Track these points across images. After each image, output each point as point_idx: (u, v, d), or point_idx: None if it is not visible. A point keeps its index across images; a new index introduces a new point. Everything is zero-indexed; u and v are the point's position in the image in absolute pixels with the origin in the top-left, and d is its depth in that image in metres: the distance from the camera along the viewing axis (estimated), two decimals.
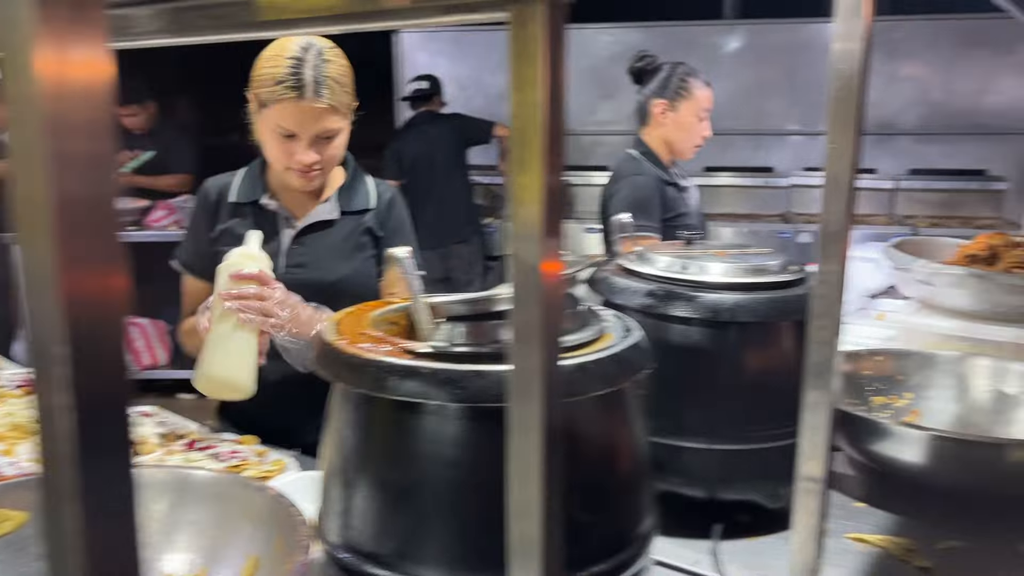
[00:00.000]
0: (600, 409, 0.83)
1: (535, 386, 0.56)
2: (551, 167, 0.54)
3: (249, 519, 1.01)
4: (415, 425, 0.79)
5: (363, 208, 1.63)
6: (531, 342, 0.55)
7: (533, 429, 0.57)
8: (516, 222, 0.55)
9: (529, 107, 0.53)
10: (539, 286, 0.54)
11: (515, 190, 0.54)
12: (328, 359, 0.82)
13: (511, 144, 0.54)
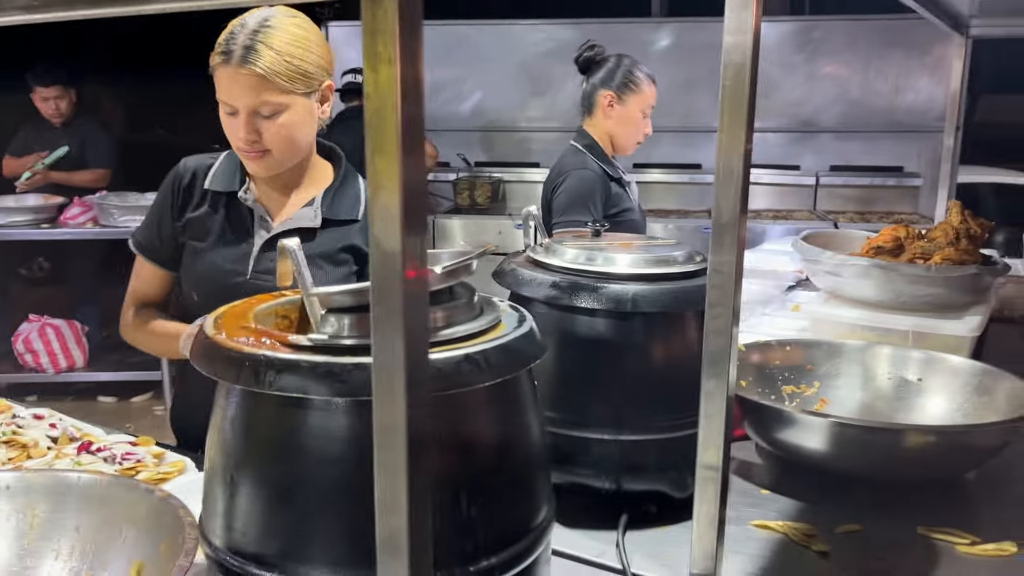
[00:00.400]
0: (491, 400, 0.81)
1: (397, 380, 0.54)
2: (408, 149, 0.52)
3: (134, 523, 0.97)
4: (296, 421, 0.76)
5: (348, 218, 1.49)
6: (392, 335, 0.53)
7: (397, 424, 0.55)
8: (374, 208, 0.53)
9: (384, 86, 0.51)
10: (399, 275, 0.52)
11: (371, 175, 0.52)
12: (205, 354, 0.79)
13: (367, 124, 0.52)
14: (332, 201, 1.49)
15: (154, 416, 4.34)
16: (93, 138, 4.79)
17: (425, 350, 0.56)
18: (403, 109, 0.51)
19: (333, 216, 1.48)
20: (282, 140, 1.40)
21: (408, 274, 0.53)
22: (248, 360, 0.75)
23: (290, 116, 1.39)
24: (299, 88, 1.39)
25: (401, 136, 0.52)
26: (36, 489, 1.01)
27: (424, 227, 0.54)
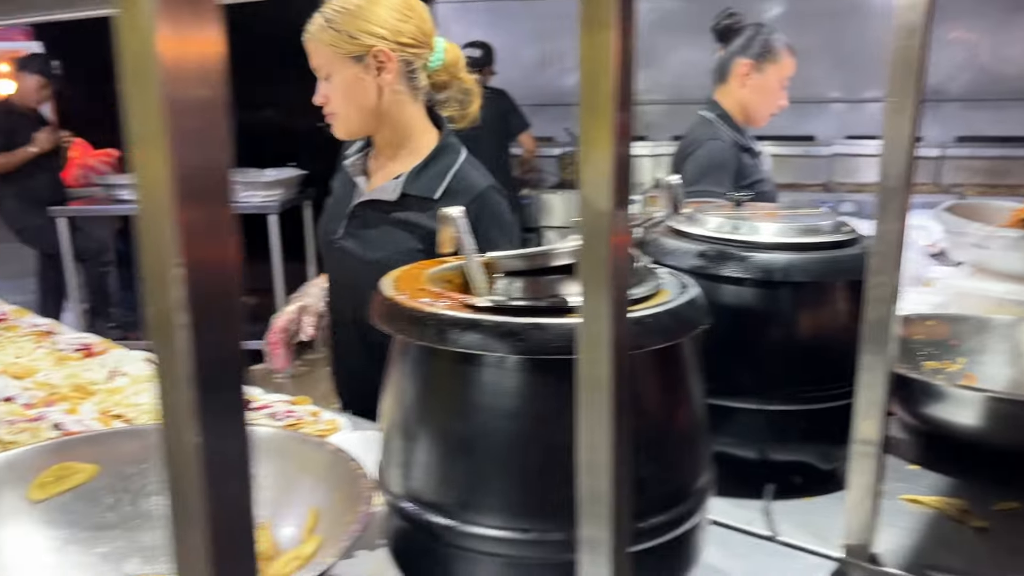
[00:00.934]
0: (658, 364, 0.83)
1: (603, 340, 0.56)
2: (621, 113, 0.54)
3: (309, 473, 1.04)
4: (475, 377, 0.80)
5: (425, 196, 1.48)
6: (599, 294, 0.56)
7: (602, 384, 0.57)
8: (586, 170, 0.55)
9: (599, 51, 0.53)
10: (607, 236, 0.55)
11: (584, 139, 0.55)
12: (389, 313, 0.83)
13: (581, 87, 0.55)
14: (416, 177, 1.50)
15: (275, 383, 4.53)
16: None
17: (626, 311, 0.58)
18: (618, 74, 0.53)
19: (410, 192, 1.49)
20: (339, 103, 1.47)
21: (615, 235, 0.55)
22: (432, 319, 0.79)
23: (338, 79, 1.45)
24: (342, 51, 1.43)
25: (615, 100, 0.54)
26: None
27: (629, 190, 0.56)
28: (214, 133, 0.31)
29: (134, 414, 1.35)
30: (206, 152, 0.31)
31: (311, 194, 4.85)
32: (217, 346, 0.32)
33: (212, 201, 0.31)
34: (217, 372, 0.32)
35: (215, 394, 0.32)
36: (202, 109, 0.30)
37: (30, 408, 1.38)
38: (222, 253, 0.32)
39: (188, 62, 0.30)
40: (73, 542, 1.00)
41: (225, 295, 0.32)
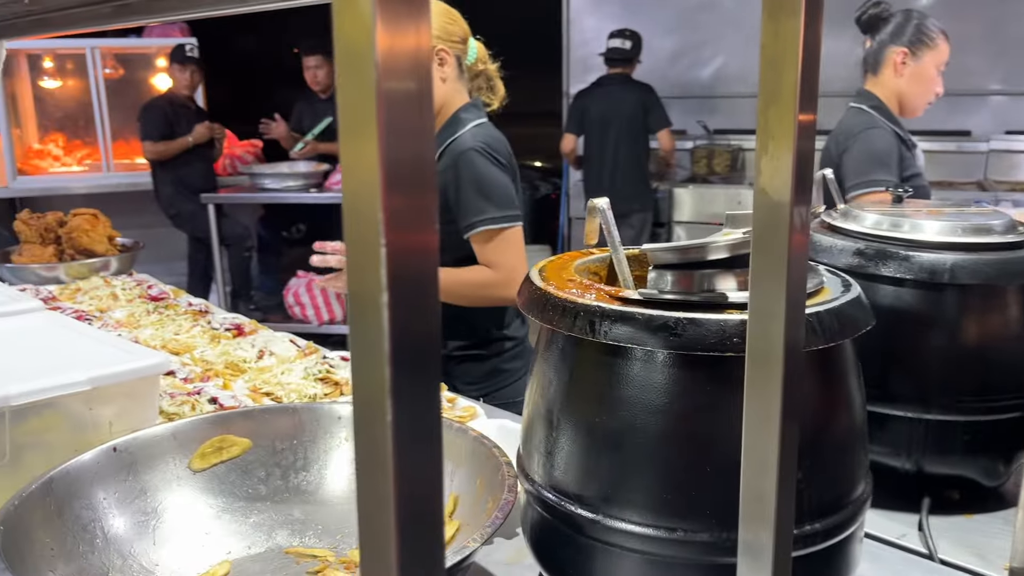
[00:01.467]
0: (819, 366, 0.80)
1: (775, 337, 0.54)
2: (805, 101, 0.51)
3: (450, 458, 1.05)
4: (625, 371, 0.78)
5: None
6: (773, 288, 0.53)
7: (773, 384, 0.55)
8: (762, 158, 0.53)
9: (785, 39, 0.51)
10: (786, 227, 0.52)
11: (762, 126, 0.52)
12: (538, 303, 0.83)
13: (761, 77, 0.52)
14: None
15: None
16: None
17: (803, 310, 0.55)
18: (803, 64, 0.51)
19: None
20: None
21: (794, 232, 0.52)
22: (583, 310, 0.78)
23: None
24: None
25: (799, 92, 0.51)
26: None
27: (809, 186, 0.53)
28: (420, 125, 0.31)
29: (282, 392, 1.40)
30: (412, 143, 0.31)
31: None
32: (415, 327, 0.32)
33: (415, 190, 0.31)
34: (414, 352, 0.32)
35: (411, 374, 0.32)
36: (410, 101, 0.30)
37: (188, 382, 1.46)
38: (423, 239, 0.32)
39: (400, 55, 0.30)
40: (228, 511, 1.06)
41: (424, 277, 0.32)
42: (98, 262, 2.30)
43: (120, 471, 1.00)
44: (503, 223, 1.71)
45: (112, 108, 5.12)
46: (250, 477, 1.09)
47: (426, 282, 0.32)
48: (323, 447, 1.12)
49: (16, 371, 1.11)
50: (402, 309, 0.32)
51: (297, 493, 1.10)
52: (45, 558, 0.86)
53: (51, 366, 1.13)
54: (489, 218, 1.70)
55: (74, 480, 0.95)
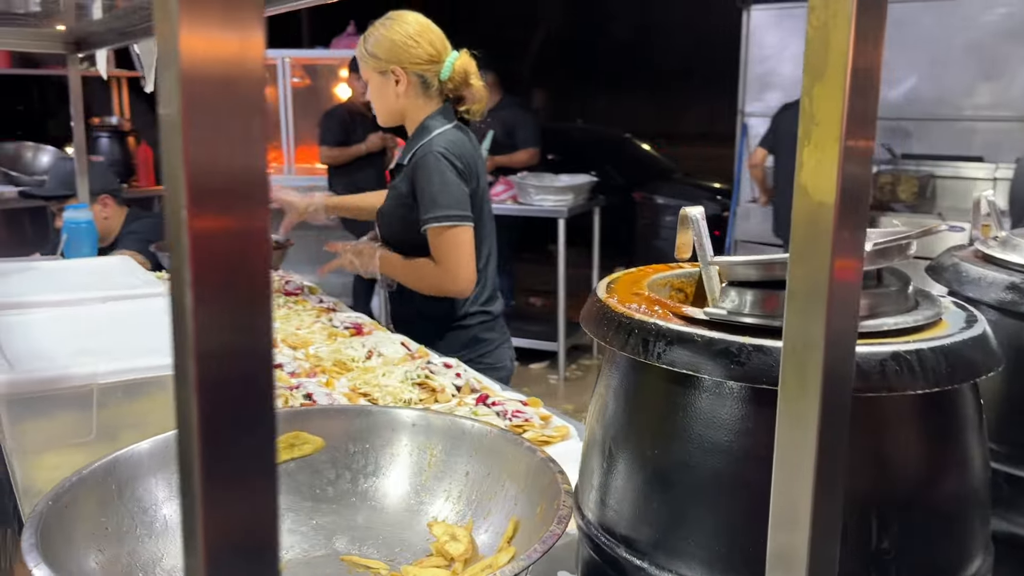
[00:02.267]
0: (921, 412, 0.66)
1: (812, 369, 0.44)
2: (863, 78, 0.41)
3: (516, 479, 0.98)
4: (682, 400, 0.68)
5: (398, 163, 2.04)
6: (811, 312, 0.43)
7: (807, 422, 0.44)
8: (808, 145, 0.43)
9: (834, 53, 0.41)
10: (829, 255, 0.42)
11: (809, 106, 0.42)
12: (595, 317, 0.75)
13: (806, 46, 0.42)
14: (404, 151, 2.03)
15: (548, 384, 4.62)
16: (520, 120, 5.20)
17: (852, 338, 0.45)
18: (856, 28, 0.40)
19: (400, 161, 2.03)
20: (373, 101, 2.02)
21: (839, 258, 0.42)
22: (638, 327, 0.69)
23: (372, 85, 2.00)
24: (371, 67, 1.97)
25: (850, 61, 0.41)
26: (436, 430, 1.07)
27: (864, 211, 0.43)
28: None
29: (379, 394, 1.39)
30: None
31: (601, 201, 4.87)
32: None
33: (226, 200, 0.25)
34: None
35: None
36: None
37: (294, 376, 1.48)
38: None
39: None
40: (292, 510, 1.04)
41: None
42: None
43: None
44: (447, 222, 1.87)
45: (297, 115, 5.44)
46: (320, 477, 1.07)
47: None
48: (393, 453, 1.08)
49: (114, 351, 1.15)
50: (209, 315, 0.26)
51: (364, 499, 1.06)
52: (97, 537, 0.87)
53: (149, 348, 1.16)
54: (435, 216, 1.87)
55: (139, 463, 0.95)
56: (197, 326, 0.28)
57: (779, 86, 5.46)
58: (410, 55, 1.94)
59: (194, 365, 0.29)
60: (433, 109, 2.00)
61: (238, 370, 0.29)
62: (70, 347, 1.18)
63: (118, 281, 1.59)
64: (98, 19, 1.97)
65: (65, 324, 1.29)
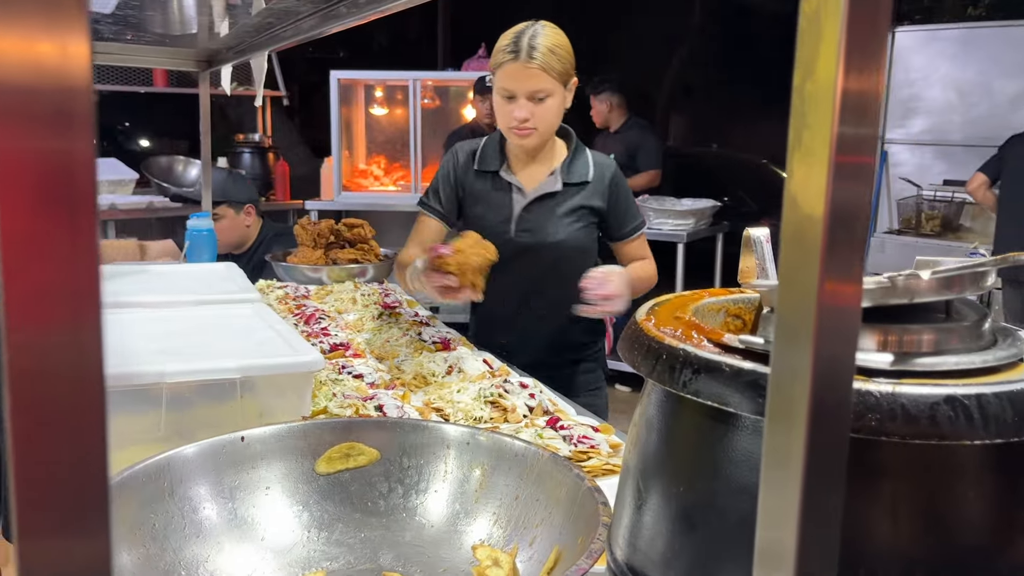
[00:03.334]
0: (985, 465, 0.58)
1: (798, 399, 0.38)
2: (858, 71, 0.36)
3: (562, 507, 0.94)
4: (712, 435, 0.63)
5: (581, 181, 1.88)
6: (799, 351, 0.38)
7: (791, 460, 0.39)
8: (799, 150, 0.37)
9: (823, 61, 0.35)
10: (817, 252, 0.36)
11: (800, 105, 0.37)
12: (628, 341, 0.70)
13: (798, 35, 0.37)
14: (568, 169, 1.89)
15: None
16: (643, 143, 5.13)
17: (848, 371, 0.39)
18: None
19: (570, 180, 1.88)
20: (544, 121, 1.80)
21: (827, 282, 0.36)
22: (666, 353, 0.64)
23: (553, 103, 1.79)
24: (563, 79, 1.79)
25: (843, 49, 0.35)
26: (487, 450, 1.04)
27: (862, 231, 0.37)
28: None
29: (451, 410, 1.37)
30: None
31: (725, 227, 4.72)
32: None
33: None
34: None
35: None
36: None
37: (372, 387, 1.49)
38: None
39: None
40: (341, 520, 1.03)
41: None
42: (356, 268, 2.47)
43: (244, 462, 1.02)
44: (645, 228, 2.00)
45: (425, 135, 5.58)
46: (372, 490, 1.06)
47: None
48: (445, 470, 1.05)
49: (192, 353, 1.18)
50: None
51: (413, 515, 1.04)
52: (141, 534, 0.89)
53: (224, 352, 1.20)
54: (642, 223, 2.00)
55: (193, 463, 0.97)
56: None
57: (925, 112, 5.14)
58: (575, 65, 1.84)
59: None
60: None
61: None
62: (153, 347, 1.23)
63: (217, 287, 1.65)
64: (224, 36, 2.07)
65: (156, 324, 1.34)
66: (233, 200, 2.97)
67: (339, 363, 1.61)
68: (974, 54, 4.92)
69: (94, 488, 0.31)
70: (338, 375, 1.52)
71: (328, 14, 1.17)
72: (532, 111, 1.77)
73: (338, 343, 1.74)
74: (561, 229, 1.87)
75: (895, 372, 0.58)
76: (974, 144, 4.85)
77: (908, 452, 0.56)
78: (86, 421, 0.31)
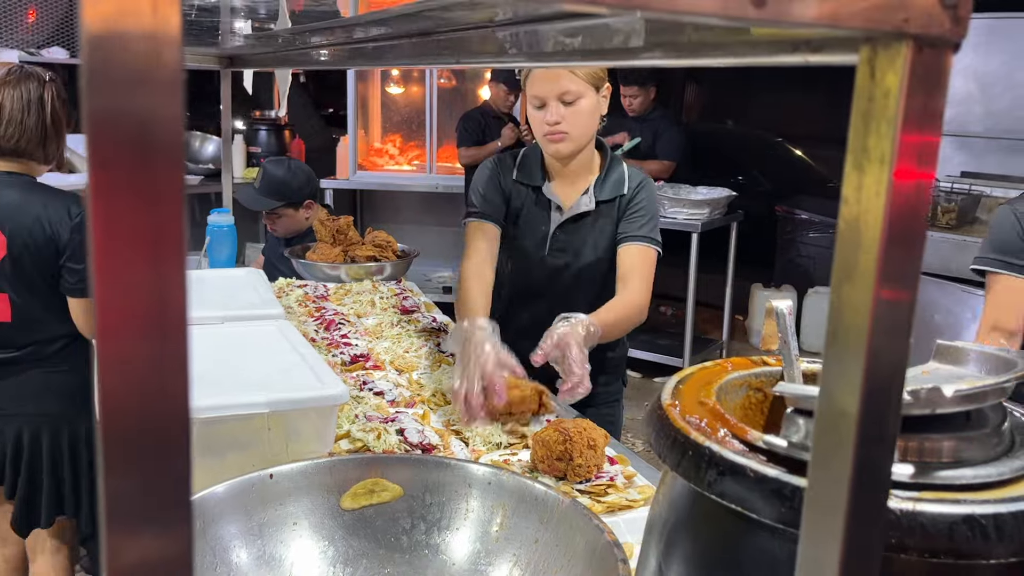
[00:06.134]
0: None
1: (834, 514, 0.40)
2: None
3: (580, 556, 0.97)
4: (736, 538, 0.65)
5: (615, 195, 1.84)
6: (849, 364, 0.40)
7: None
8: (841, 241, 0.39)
9: (870, 199, 0.37)
10: (872, 274, 0.38)
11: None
12: (654, 426, 0.72)
13: None
14: (602, 186, 1.85)
15: None
16: (665, 132, 5.11)
17: (886, 473, 0.41)
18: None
19: (602, 198, 1.84)
20: (577, 126, 1.75)
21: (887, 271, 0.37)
22: (693, 449, 0.66)
23: (585, 105, 1.75)
24: (592, 81, 1.74)
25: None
26: (508, 491, 1.07)
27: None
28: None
29: (469, 435, 1.40)
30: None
31: (739, 216, 4.71)
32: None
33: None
34: None
35: None
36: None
37: (393, 405, 1.51)
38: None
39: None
40: (366, 556, 1.06)
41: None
42: (374, 266, 2.49)
43: (273, 499, 1.05)
44: (657, 245, 1.85)
45: (441, 115, 5.56)
46: (396, 526, 1.09)
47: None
48: (467, 509, 1.08)
49: (219, 382, 1.21)
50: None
51: (436, 552, 1.08)
52: None
53: (251, 382, 1.22)
54: (652, 238, 1.84)
55: (224, 503, 1.01)
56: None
57: (951, 94, 5.09)
58: (608, 70, 1.80)
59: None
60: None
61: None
62: None
63: (240, 298, 1.68)
64: (247, 44, 2.08)
65: None
66: (292, 200, 2.95)
67: (360, 377, 1.64)
68: (999, 44, 4.85)
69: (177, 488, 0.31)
70: (359, 392, 1.55)
71: (356, 52, 1.18)
72: (563, 114, 1.73)
73: (358, 354, 1.76)
74: (593, 250, 1.84)
75: (914, 485, 0.59)
76: (995, 136, 4.82)
77: (926, 569, 0.58)
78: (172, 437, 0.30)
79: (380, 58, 1.17)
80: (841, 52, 0.39)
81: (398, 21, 0.97)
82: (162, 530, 0.30)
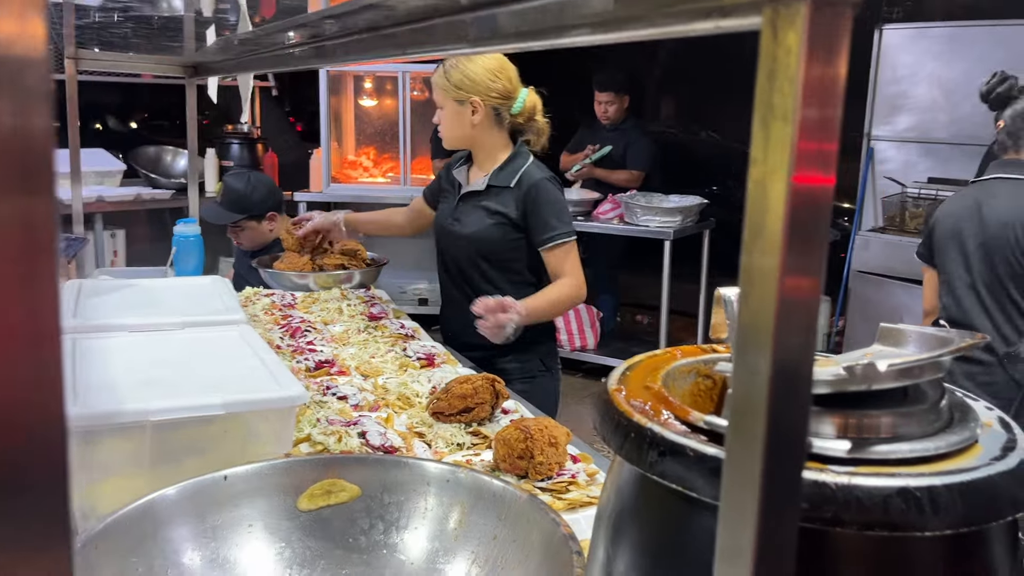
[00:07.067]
0: (940, 557, 0.60)
1: (749, 482, 0.41)
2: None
3: (538, 550, 0.96)
4: (680, 519, 0.65)
5: (503, 186, 2.18)
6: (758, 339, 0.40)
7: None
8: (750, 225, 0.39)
9: (777, 157, 0.37)
10: (773, 298, 0.38)
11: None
12: (599, 409, 0.72)
13: None
14: (497, 174, 2.20)
15: None
16: (635, 141, 5.15)
17: (800, 452, 0.41)
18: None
19: (495, 183, 2.19)
20: (444, 126, 2.23)
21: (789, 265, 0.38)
22: (635, 431, 0.66)
23: (444, 113, 2.21)
24: (453, 95, 2.15)
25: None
26: (466, 488, 1.07)
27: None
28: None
29: (431, 436, 1.39)
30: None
31: (711, 224, 4.75)
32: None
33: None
34: None
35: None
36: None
37: (356, 409, 1.50)
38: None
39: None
40: (323, 557, 1.05)
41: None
42: (343, 274, 2.48)
43: (227, 500, 1.04)
44: (568, 238, 2.14)
45: (414, 127, 5.57)
46: (354, 526, 1.08)
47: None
48: (425, 508, 1.08)
49: (177, 384, 1.20)
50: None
51: (394, 552, 1.07)
52: None
53: (209, 384, 1.21)
54: (561, 233, 2.13)
55: (176, 505, 0.99)
56: None
57: (910, 109, 5.17)
58: (489, 88, 2.15)
59: None
60: (502, 139, 2.24)
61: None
62: (137, 377, 1.24)
63: (204, 305, 1.66)
64: (211, 49, 2.07)
65: (138, 351, 1.36)
66: (253, 213, 2.93)
67: (324, 383, 1.63)
68: (960, 52, 4.94)
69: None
70: (323, 396, 1.54)
71: (320, 51, 1.18)
72: (440, 117, 2.24)
73: (323, 360, 1.75)
74: (476, 222, 2.19)
75: (851, 460, 0.60)
76: (959, 142, 4.89)
77: (862, 542, 0.58)
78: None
79: (346, 54, 1.17)
80: (748, 15, 0.39)
81: (351, 15, 0.97)
82: (37, 553, 0.30)
